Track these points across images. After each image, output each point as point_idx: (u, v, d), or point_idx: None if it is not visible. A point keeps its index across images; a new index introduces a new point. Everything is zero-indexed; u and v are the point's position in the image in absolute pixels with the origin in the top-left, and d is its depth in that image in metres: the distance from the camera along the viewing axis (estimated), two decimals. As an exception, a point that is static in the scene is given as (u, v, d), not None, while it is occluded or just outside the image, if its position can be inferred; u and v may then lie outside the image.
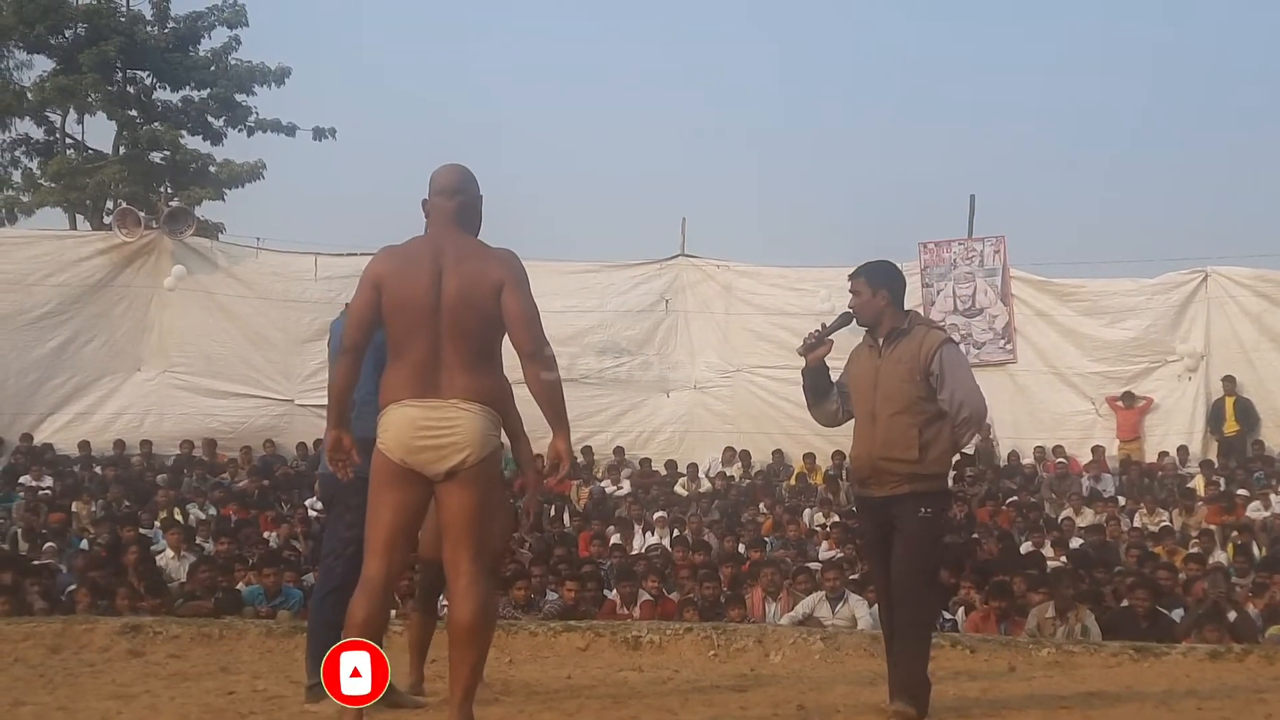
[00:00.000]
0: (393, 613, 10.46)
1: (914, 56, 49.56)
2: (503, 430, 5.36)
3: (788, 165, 47.70)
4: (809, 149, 47.89)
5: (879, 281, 6.37)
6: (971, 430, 6.34)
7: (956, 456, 7.72)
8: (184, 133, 26.51)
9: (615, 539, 15.07)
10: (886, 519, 6.18)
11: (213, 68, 26.52)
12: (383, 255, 5.27)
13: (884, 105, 48.94)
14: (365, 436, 5.47)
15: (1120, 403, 19.66)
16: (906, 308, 6.50)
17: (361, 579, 5.16)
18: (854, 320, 6.43)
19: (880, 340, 6.33)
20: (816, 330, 6.46)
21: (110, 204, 25.41)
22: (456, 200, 5.33)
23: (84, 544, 14.29)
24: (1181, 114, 46.19)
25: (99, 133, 27.59)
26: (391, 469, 5.09)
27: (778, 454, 19.89)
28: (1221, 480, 17.48)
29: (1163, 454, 19.07)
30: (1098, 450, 19.03)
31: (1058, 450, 19.32)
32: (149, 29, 26.41)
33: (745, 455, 19.83)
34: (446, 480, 5.05)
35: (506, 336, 5.17)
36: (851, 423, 6.44)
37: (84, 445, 19.08)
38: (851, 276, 6.44)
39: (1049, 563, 12.87)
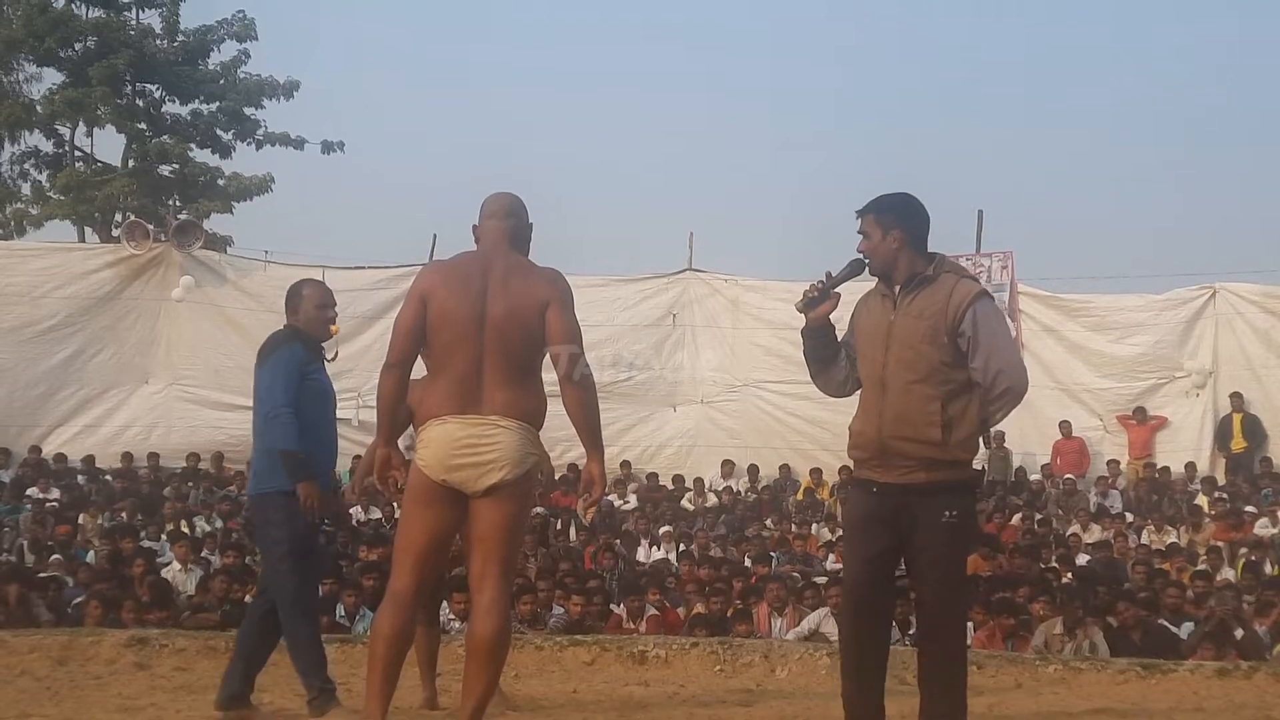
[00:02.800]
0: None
1: (922, 71, 49.62)
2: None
3: (795, 179, 47.75)
4: (816, 163, 47.96)
5: (890, 219, 5.22)
6: (1008, 407, 5.21)
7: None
8: (193, 146, 26.60)
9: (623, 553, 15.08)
10: (893, 507, 5.14)
11: (222, 81, 26.62)
12: (431, 269, 5.31)
13: (892, 119, 48.93)
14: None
15: (1132, 419, 19.63)
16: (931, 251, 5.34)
17: (389, 593, 5.15)
18: (866, 268, 5.35)
19: (896, 289, 5.24)
20: (820, 281, 5.34)
21: (119, 217, 25.52)
22: (509, 223, 5.35)
23: (89, 556, 14.31)
24: (1190, 130, 46.21)
25: (108, 146, 27.74)
26: (428, 486, 5.06)
27: (784, 469, 19.87)
28: (1228, 497, 17.43)
29: (1163, 469, 19.01)
30: (1111, 465, 19.01)
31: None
32: (158, 42, 26.50)
33: (753, 470, 19.81)
34: (483, 496, 5.02)
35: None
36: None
37: (89, 460, 19.08)
38: (859, 213, 5.32)
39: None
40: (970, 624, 10.98)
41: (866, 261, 5.32)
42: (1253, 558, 14.24)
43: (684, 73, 50.39)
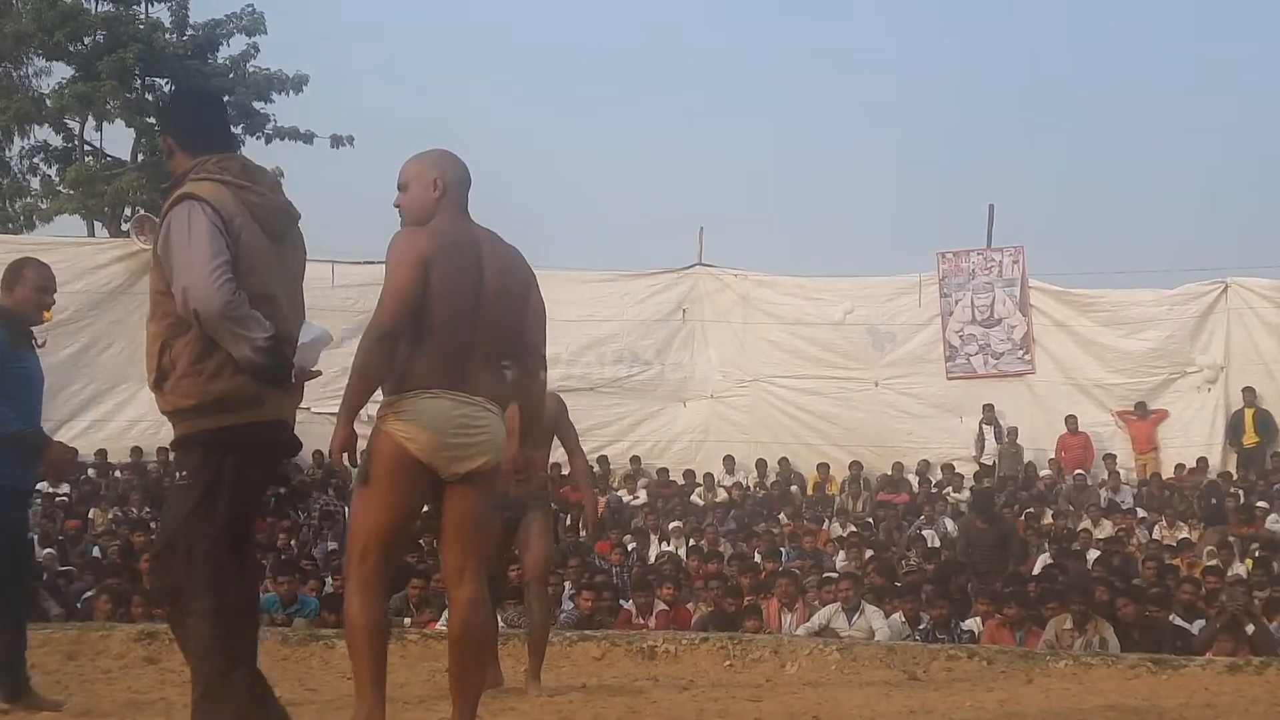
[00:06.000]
0: (407, 621, 10.51)
1: (929, 65, 49.56)
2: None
3: (804, 174, 47.73)
4: (825, 157, 47.90)
5: (166, 122, 4.29)
6: (222, 335, 4.23)
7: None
8: (202, 140, 26.59)
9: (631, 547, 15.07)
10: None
11: (231, 75, 26.64)
12: (423, 235, 4.69)
13: (901, 113, 48.91)
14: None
15: (1133, 415, 19.58)
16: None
17: (357, 580, 4.70)
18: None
19: None
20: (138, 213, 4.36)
21: (128, 211, 25.58)
22: (467, 190, 4.92)
23: (94, 550, 14.34)
24: (1201, 124, 46.07)
25: (117, 140, 27.76)
26: (401, 464, 4.62)
27: (817, 466, 19.70)
28: (1240, 493, 17.38)
29: (1179, 466, 18.96)
30: (1108, 460, 18.97)
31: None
32: (167, 36, 26.57)
33: (761, 465, 19.77)
34: (459, 482, 4.69)
35: None
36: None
37: (100, 454, 19.08)
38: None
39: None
40: (977, 618, 11.01)
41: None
42: (1259, 554, 14.19)
43: (692, 67, 50.37)
